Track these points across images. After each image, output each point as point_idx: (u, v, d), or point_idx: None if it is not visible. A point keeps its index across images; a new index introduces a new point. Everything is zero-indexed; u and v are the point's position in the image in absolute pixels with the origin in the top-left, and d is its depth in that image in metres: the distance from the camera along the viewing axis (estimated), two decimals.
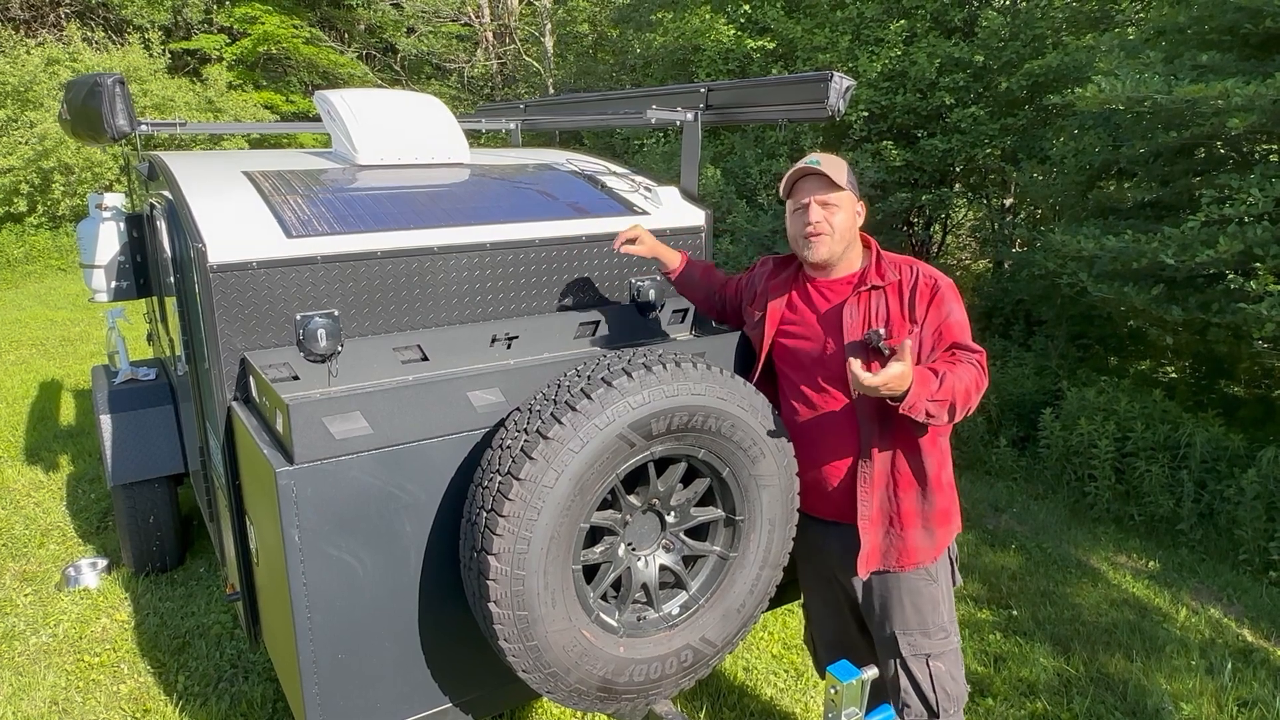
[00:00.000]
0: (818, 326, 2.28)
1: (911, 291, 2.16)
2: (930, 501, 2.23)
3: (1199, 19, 5.05)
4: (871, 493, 2.22)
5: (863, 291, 2.21)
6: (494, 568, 1.87)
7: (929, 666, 2.26)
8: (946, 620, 2.30)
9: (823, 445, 2.27)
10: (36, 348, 8.91)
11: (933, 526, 2.24)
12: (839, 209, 2.21)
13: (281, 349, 2.43)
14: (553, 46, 15.36)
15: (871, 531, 2.24)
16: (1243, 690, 3.28)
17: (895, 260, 2.24)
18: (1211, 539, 4.62)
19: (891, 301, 2.18)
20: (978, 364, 2.09)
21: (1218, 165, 5.37)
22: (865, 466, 2.21)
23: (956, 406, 2.02)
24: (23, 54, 14.01)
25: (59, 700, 3.24)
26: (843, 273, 2.28)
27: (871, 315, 2.19)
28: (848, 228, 2.23)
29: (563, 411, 1.91)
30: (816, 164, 2.19)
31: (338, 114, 3.12)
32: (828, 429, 2.26)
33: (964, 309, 2.18)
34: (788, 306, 2.36)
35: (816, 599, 2.55)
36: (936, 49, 7.44)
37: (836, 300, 2.26)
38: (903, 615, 2.27)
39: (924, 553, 2.25)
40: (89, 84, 2.78)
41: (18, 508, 4.94)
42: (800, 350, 2.31)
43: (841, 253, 2.25)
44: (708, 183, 8.16)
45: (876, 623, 2.32)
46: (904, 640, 2.27)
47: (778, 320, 2.36)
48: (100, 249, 3.56)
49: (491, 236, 2.72)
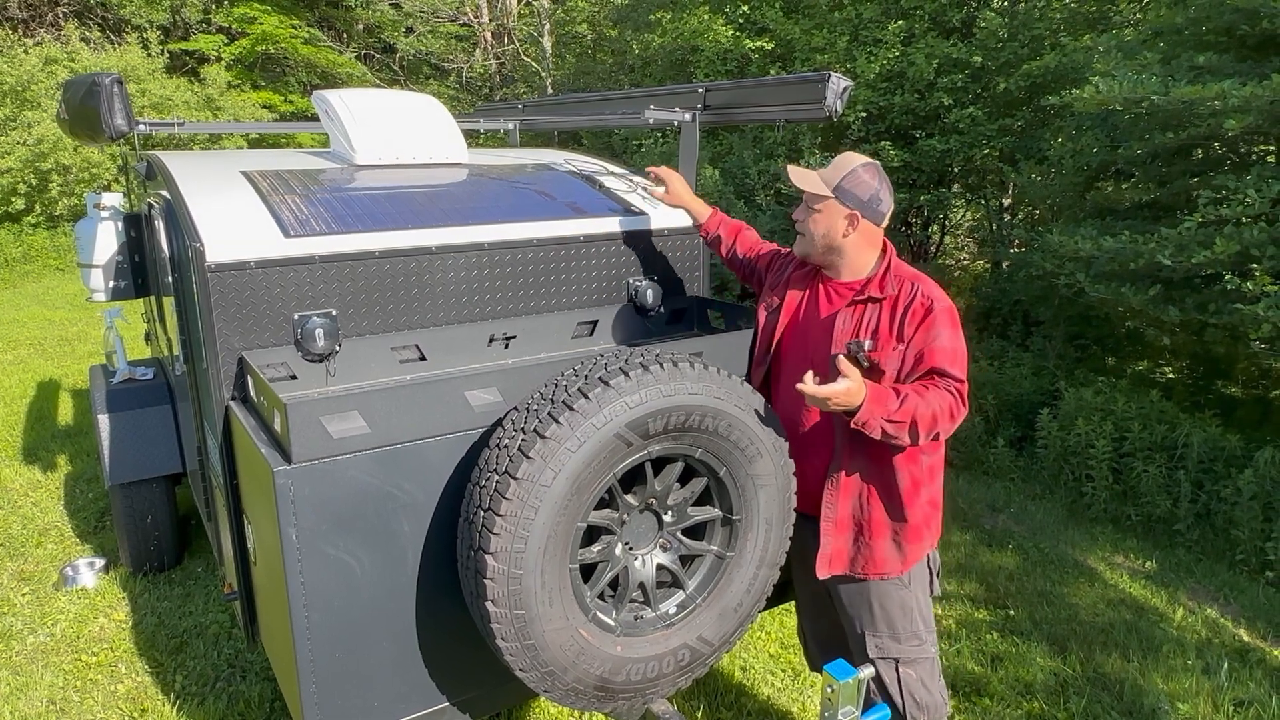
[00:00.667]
0: (816, 325, 2.30)
1: (905, 309, 2.14)
2: (902, 516, 2.23)
3: (1196, 20, 5.06)
4: (838, 498, 2.24)
5: (859, 302, 2.21)
6: (491, 567, 1.87)
7: (898, 671, 2.27)
8: (921, 628, 2.31)
9: (805, 444, 2.31)
10: (34, 347, 8.90)
11: (902, 541, 2.25)
12: (820, 216, 2.22)
13: (279, 348, 2.44)
14: (551, 47, 15.35)
15: (835, 535, 2.26)
16: (1239, 690, 3.29)
17: (901, 275, 2.20)
18: (1208, 539, 4.63)
19: (884, 316, 2.16)
20: (955, 392, 2.07)
21: (1215, 166, 5.38)
22: (835, 472, 2.24)
23: (919, 430, 2.01)
24: (20, 54, 13.99)
25: (56, 700, 3.24)
26: (849, 277, 2.27)
27: (862, 327, 2.18)
28: (825, 234, 2.22)
29: (560, 411, 1.91)
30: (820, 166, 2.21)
31: (336, 114, 3.12)
32: (809, 429, 2.30)
33: (960, 336, 2.14)
34: (800, 300, 2.38)
35: (806, 592, 2.60)
36: (935, 50, 7.45)
37: (838, 304, 2.27)
38: (871, 617, 2.30)
39: (890, 564, 2.26)
40: (87, 83, 2.78)
41: (15, 507, 4.93)
42: (797, 345, 2.34)
43: (820, 256, 2.27)
44: (706, 183, 8.16)
45: (848, 623, 2.37)
46: (871, 641, 2.29)
47: (792, 311, 2.38)
48: (98, 248, 3.56)
49: (489, 236, 2.73)
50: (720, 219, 2.79)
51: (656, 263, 3.09)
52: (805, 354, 2.30)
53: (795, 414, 2.31)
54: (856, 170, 2.20)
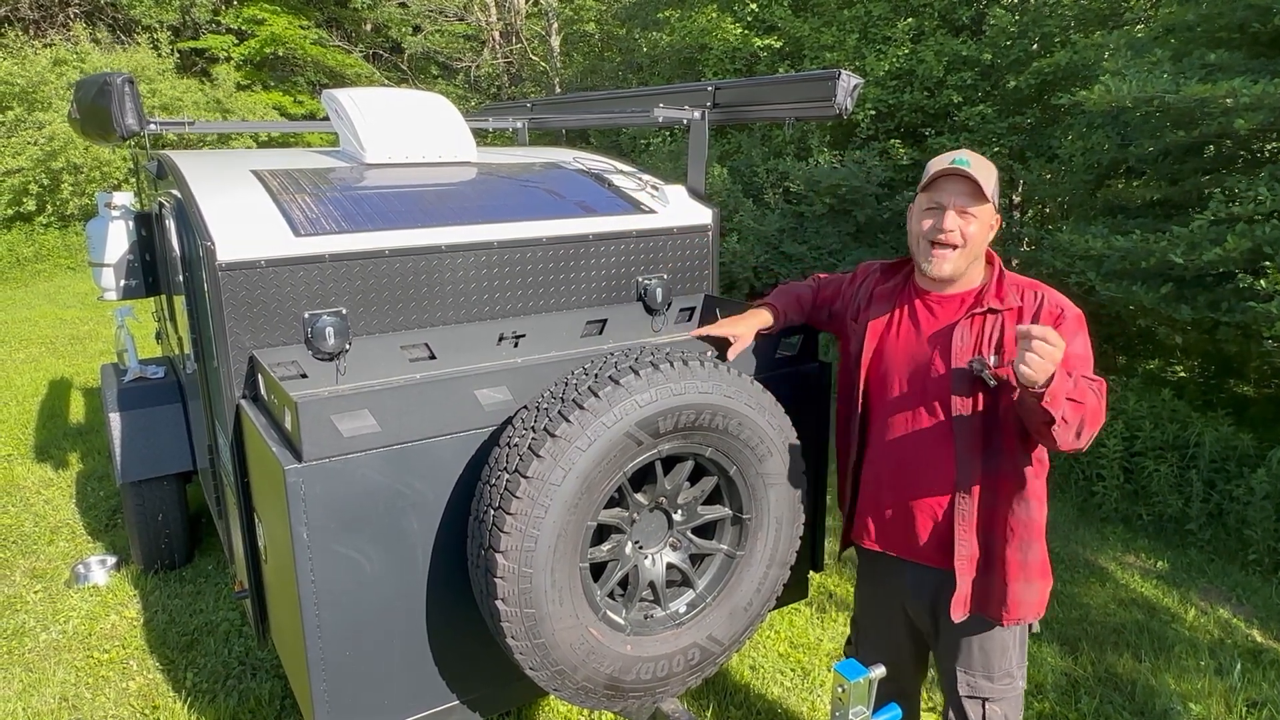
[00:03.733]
0: (923, 345, 2.08)
1: (1034, 319, 1.95)
2: (1032, 549, 2.06)
3: (1208, 17, 5.02)
4: (969, 533, 2.05)
5: (977, 314, 2.02)
6: (502, 565, 1.87)
7: (984, 708, 2.15)
8: (1014, 665, 2.17)
9: (910, 476, 2.10)
10: (46, 346, 8.95)
11: (1035, 578, 2.07)
12: (977, 221, 1.99)
13: (289, 347, 2.44)
14: (559, 46, 15.36)
15: (967, 574, 2.07)
16: (1252, 691, 3.27)
17: (1019, 283, 2.04)
18: (1220, 539, 4.60)
19: (1009, 328, 1.97)
20: (1098, 393, 1.87)
21: (1227, 164, 5.34)
22: (963, 503, 2.04)
23: (1085, 421, 1.82)
24: (30, 54, 14.07)
25: (69, 696, 3.26)
26: (958, 289, 2.08)
27: (984, 341, 1.99)
28: (980, 243, 2.01)
29: (570, 410, 1.91)
30: (966, 165, 1.95)
31: (346, 113, 3.13)
32: (919, 459, 2.08)
33: (1089, 342, 1.97)
34: (891, 319, 2.16)
35: (872, 620, 2.40)
36: (944, 47, 7.42)
37: (946, 318, 2.06)
38: (968, 655, 2.15)
39: (1026, 608, 2.08)
40: (99, 83, 2.80)
41: (28, 505, 4.96)
42: (899, 369, 2.11)
43: (965, 269, 2.04)
44: (714, 181, 8.15)
45: (940, 654, 2.22)
46: (963, 679, 2.15)
47: (885, 332, 2.16)
48: (109, 247, 3.58)
49: (499, 235, 2.73)
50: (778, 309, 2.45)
51: (666, 261, 3.09)
52: (912, 374, 2.09)
53: (903, 440, 2.10)
54: (994, 169, 2.02)
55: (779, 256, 7.76)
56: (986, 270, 2.09)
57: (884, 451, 2.15)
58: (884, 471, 2.17)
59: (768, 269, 7.88)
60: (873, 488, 2.22)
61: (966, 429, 2.01)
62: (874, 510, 2.22)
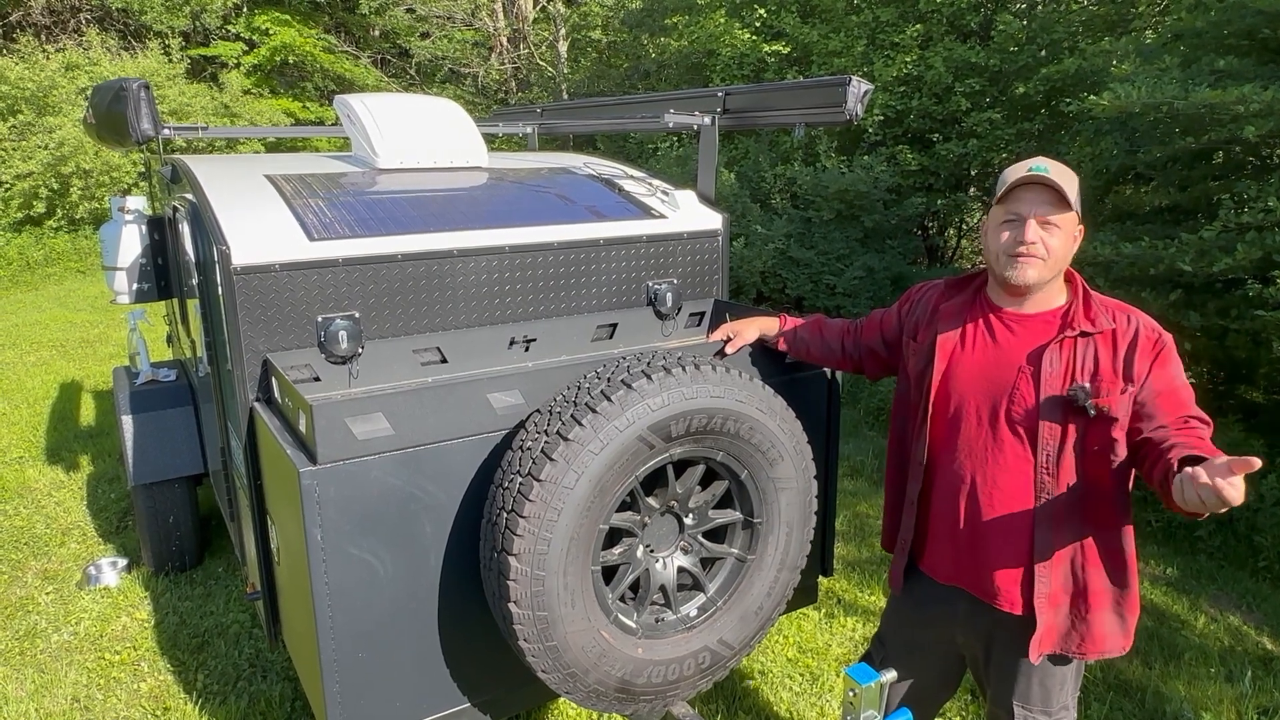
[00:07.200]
0: (1003, 367, 1.93)
1: (1130, 344, 1.84)
2: (1125, 582, 1.95)
3: (1217, 23, 5.02)
4: (1052, 568, 1.93)
5: (1068, 337, 1.87)
6: (514, 568, 1.88)
7: None
8: (1069, 696, 2.08)
9: (985, 505, 1.96)
10: (56, 349, 9.00)
11: (1125, 611, 1.97)
12: (1060, 231, 1.86)
13: (303, 350, 2.46)
14: (566, 51, 15.40)
15: (1049, 611, 1.96)
16: (1263, 698, 3.26)
17: (1108, 305, 1.91)
18: (1230, 545, 4.58)
19: (1103, 353, 1.85)
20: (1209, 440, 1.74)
21: (1236, 171, 5.33)
22: (1046, 536, 1.92)
23: None
24: (41, 59, 14.17)
25: (80, 697, 3.27)
26: (1039, 307, 1.94)
27: (1077, 367, 1.85)
28: (1064, 254, 1.88)
29: (583, 413, 1.92)
30: (1045, 172, 1.82)
31: (358, 118, 3.15)
32: (997, 488, 1.95)
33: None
34: (965, 338, 2.01)
35: (905, 641, 2.27)
36: (952, 53, 7.43)
37: (1028, 338, 1.92)
38: (1027, 689, 2.04)
39: (1112, 640, 1.97)
40: (115, 89, 2.83)
41: (39, 507, 4.99)
42: (974, 391, 1.97)
43: (1048, 281, 1.91)
44: (722, 187, 8.17)
45: (995, 685, 2.11)
46: (1020, 712, 2.05)
47: (950, 352, 2.01)
48: (122, 251, 3.60)
49: (510, 239, 2.74)
50: (787, 319, 2.43)
51: (676, 266, 3.10)
52: (990, 397, 1.94)
53: (978, 467, 1.96)
54: (1075, 177, 1.90)
55: (786, 261, 7.77)
56: (1068, 289, 1.96)
57: (955, 478, 2.01)
58: (955, 499, 2.01)
59: (775, 274, 7.89)
60: (945, 519, 2.06)
61: (1053, 459, 1.89)
62: (945, 540, 2.07)
